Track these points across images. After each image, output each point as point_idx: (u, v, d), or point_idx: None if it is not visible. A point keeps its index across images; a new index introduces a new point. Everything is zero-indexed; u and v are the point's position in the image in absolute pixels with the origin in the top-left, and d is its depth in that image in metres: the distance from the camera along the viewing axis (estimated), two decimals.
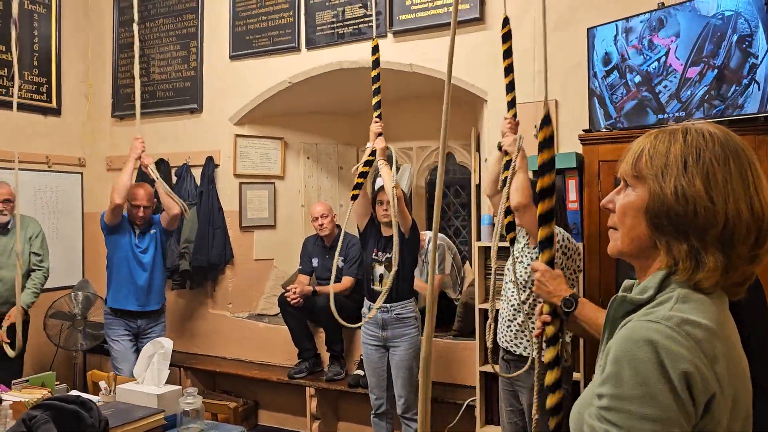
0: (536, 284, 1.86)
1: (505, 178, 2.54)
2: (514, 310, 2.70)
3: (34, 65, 4.89)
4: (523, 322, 2.65)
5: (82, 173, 5.24)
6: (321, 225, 4.27)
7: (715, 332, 0.91)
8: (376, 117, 3.35)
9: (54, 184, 5.02)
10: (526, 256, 2.71)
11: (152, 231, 4.08)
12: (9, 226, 3.82)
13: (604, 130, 3.13)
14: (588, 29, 3.32)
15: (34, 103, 4.85)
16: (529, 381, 2.55)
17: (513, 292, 2.70)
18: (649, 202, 0.98)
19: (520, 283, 2.66)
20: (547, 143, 1.77)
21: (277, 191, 5.05)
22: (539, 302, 2.54)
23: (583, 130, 3.20)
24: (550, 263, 1.85)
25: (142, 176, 4.69)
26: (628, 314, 0.98)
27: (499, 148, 2.70)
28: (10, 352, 3.33)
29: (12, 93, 4.39)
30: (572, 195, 3.17)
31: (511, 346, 2.71)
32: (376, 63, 3.32)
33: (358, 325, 3.37)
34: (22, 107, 4.69)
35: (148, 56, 5.13)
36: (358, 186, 3.37)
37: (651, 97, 3.02)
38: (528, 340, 2.64)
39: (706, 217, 0.93)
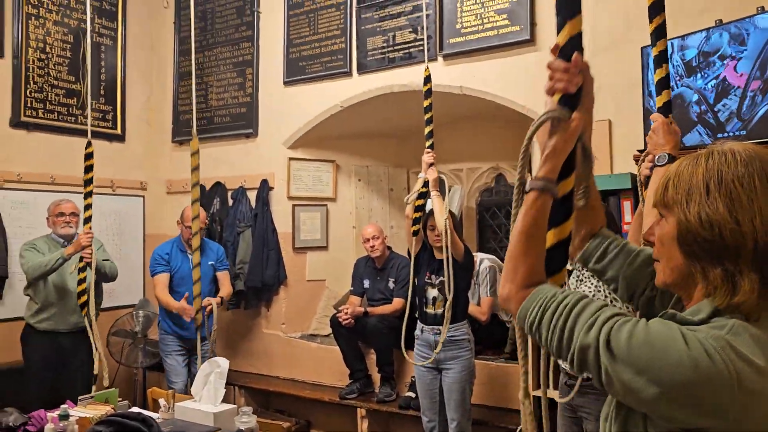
0: (650, 133, 1.87)
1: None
2: None
3: (101, 94, 5.15)
4: None
5: (143, 196, 5.46)
6: (372, 247, 4.31)
7: (764, 371, 0.87)
8: (428, 147, 3.39)
9: (117, 207, 5.24)
10: (588, 277, 2.66)
11: (207, 257, 4.20)
12: (74, 239, 4.00)
13: None
14: (642, 48, 3.28)
15: (100, 130, 5.10)
16: (597, 406, 2.47)
17: None
18: (678, 231, 0.97)
19: None
20: None
21: (329, 213, 5.13)
22: None
23: (638, 151, 3.14)
24: None
25: (210, 195, 4.85)
26: None
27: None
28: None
29: (81, 121, 4.65)
30: (627, 217, 3.10)
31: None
32: (428, 93, 3.36)
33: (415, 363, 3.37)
34: (91, 134, 4.93)
35: (206, 83, 5.33)
36: (416, 221, 3.42)
37: (710, 115, 2.95)
38: None
39: (735, 240, 0.91)
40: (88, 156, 3.63)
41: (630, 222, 3.11)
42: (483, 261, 4.23)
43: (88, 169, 3.62)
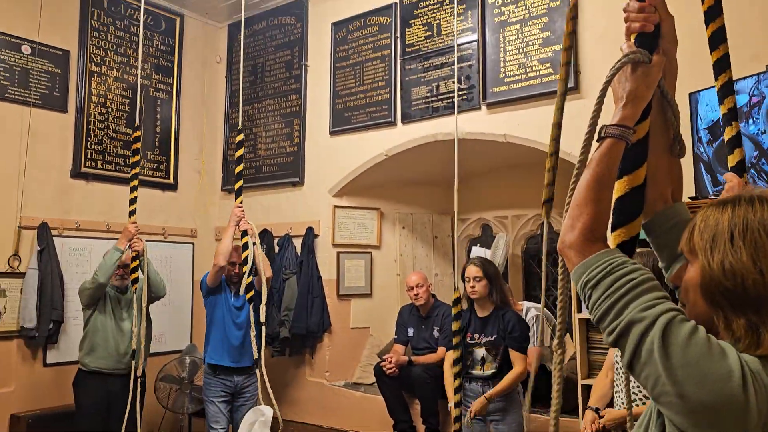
0: (723, 194, 1.78)
1: None
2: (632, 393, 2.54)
3: (156, 145, 5.37)
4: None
5: (193, 243, 5.60)
6: (416, 295, 4.29)
7: None
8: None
9: (168, 253, 5.38)
10: None
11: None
12: (127, 287, 4.11)
13: (713, 197, 2.99)
14: (690, 94, 3.24)
15: (154, 179, 5.30)
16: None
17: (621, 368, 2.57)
18: (702, 279, 0.95)
19: None
20: None
21: (373, 260, 5.14)
22: None
23: (690, 198, 3.07)
24: None
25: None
26: None
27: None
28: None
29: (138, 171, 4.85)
30: None
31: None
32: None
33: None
34: (145, 184, 5.13)
35: (255, 134, 5.50)
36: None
37: (763, 161, 2.87)
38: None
39: (758, 291, 0.89)
40: (135, 152, 3.78)
41: None
42: (529, 310, 4.15)
43: (135, 164, 3.83)
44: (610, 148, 1.10)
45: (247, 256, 3.83)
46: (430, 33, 4.55)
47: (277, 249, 5.14)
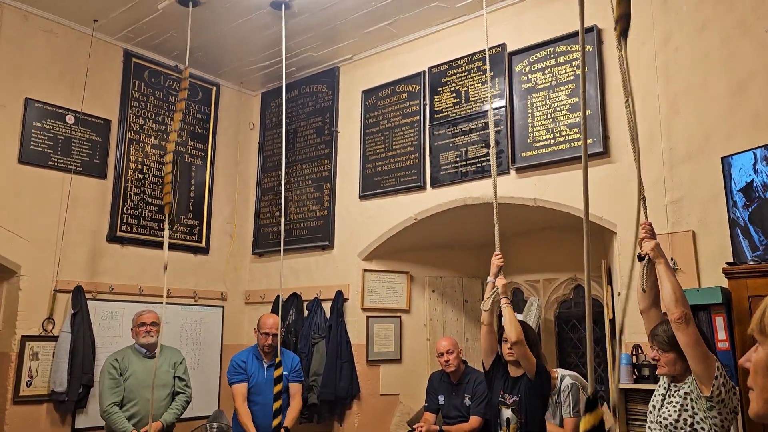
0: None
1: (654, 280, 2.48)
2: None
3: (190, 210, 5.49)
4: None
5: (223, 306, 5.61)
6: (447, 361, 4.20)
7: None
8: (497, 251, 3.40)
9: (198, 317, 5.40)
10: (673, 395, 2.48)
11: (283, 371, 4.21)
12: (156, 350, 4.12)
13: (752, 262, 2.91)
14: (722, 158, 3.22)
15: (187, 243, 5.38)
16: None
17: None
18: None
19: (670, 424, 2.42)
20: None
21: (402, 324, 5.08)
22: None
23: (728, 263, 3.00)
24: None
25: (286, 305, 4.95)
26: None
27: (640, 258, 2.60)
28: None
29: (171, 235, 4.95)
30: (721, 334, 2.91)
31: None
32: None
33: None
34: (177, 248, 5.23)
35: (286, 198, 5.59)
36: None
37: None
38: None
39: None
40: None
41: (724, 339, 2.91)
42: (564, 378, 4.00)
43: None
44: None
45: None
46: (458, 99, 4.64)
47: (306, 313, 5.12)
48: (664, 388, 2.56)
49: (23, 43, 4.55)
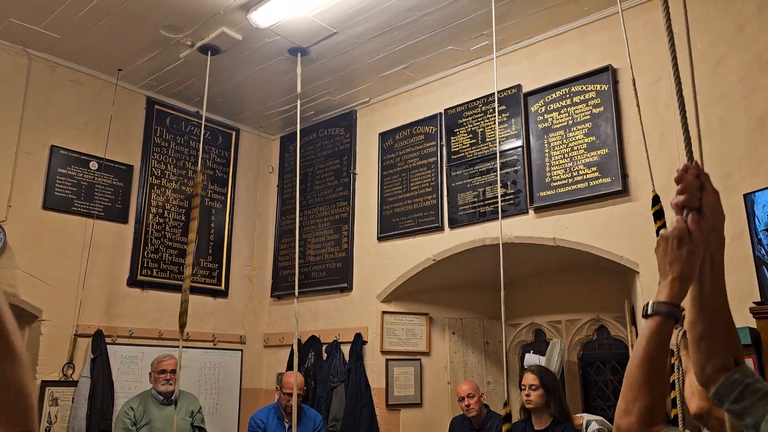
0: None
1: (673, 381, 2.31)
2: None
3: (209, 253, 5.52)
4: None
5: (242, 350, 5.58)
6: (468, 405, 4.11)
7: None
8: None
9: (217, 360, 5.37)
10: None
11: (305, 426, 4.12)
12: (173, 397, 4.09)
13: None
14: (745, 195, 3.17)
15: (206, 286, 5.40)
16: None
17: None
18: None
19: None
20: None
21: (423, 368, 5.00)
22: None
23: (755, 303, 2.91)
24: None
25: (305, 348, 4.91)
26: None
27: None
28: None
29: (192, 278, 4.97)
30: None
31: None
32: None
33: None
34: (197, 291, 5.24)
35: (305, 240, 5.60)
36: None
37: None
38: None
39: None
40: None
41: None
42: (591, 424, 3.89)
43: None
44: (660, 326, 1.06)
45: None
46: (474, 140, 4.66)
47: (325, 356, 5.07)
48: None
49: (50, 93, 4.69)
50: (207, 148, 5.64)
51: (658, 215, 2.62)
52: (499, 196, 4.15)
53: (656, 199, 2.62)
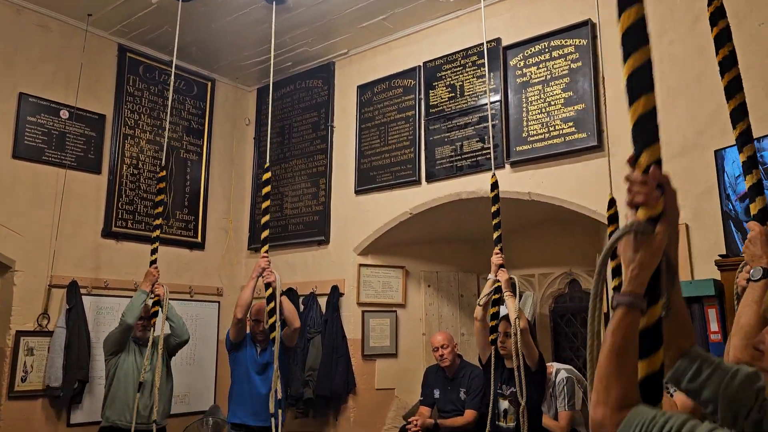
0: (746, 242, 1.81)
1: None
2: None
3: (185, 205, 5.48)
4: None
5: (219, 302, 5.61)
6: (442, 356, 4.21)
7: None
8: (497, 250, 3.40)
9: (194, 312, 5.40)
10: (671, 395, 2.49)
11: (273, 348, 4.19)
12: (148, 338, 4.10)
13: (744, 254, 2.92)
14: (716, 151, 3.22)
15: (182, 238, 5.38)
16: None
17: None
18: None
19: None
20: None
21: (398, 319, 5.09)
22: None
23: (720, 256, 3.01)
24: None
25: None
26: None
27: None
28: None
29: (165, 230, 4.95)
30: (713, 326, 2.92)
31: None
32: (495, 199, 3.41)
33: None
34: (173, 243, 5.22)
35: (281, 193, 5.58)
36: (494, 329, 3.36)
37: None
38: None
39: None
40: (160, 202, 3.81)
41: (716, 331, 2.92)
42: (559, 372, 4.03)
43: (159, 214, 4.02)
44: (623, 317, 1.09)
45: (272, 310, 3.78)
46: (453, 94, 4.64)
47: (302, 308, 5.12)
48: (666, 390, 2.56)
49: (16, 38, 4.53)
50: (182, 98, 5.54)
51: (613, 219, 2.64)
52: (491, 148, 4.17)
53: (612, 203, 2.63)
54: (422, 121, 4.78)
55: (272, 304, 3.77)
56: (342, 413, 4.86)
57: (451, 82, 4.67)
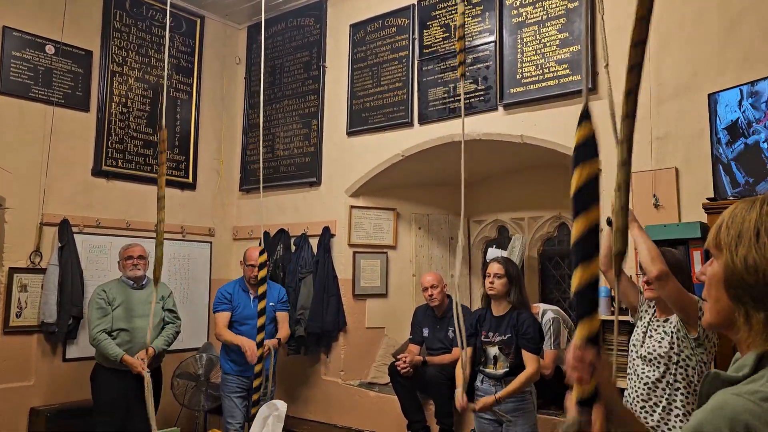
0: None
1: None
2: (648, 388, 2.52)
3: (176, 145, 5.44)
4: (661, 402, 2.46)
5: (211, 242, 5.65)
6: (431, 296, 4.28)
7: None
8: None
9: (186, 252, 5.44)
10: (655, 329, 2.54)
11: (270, 303, 4.30)
12: (144, 282, 4.17)
13: (732, 198, 2.96)
14: (709, 95, 3.22)
15: (173, 179, 5.36)
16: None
17: (643, 369, 2.54)
18: (725, 274, 0.98)
19: (654, 358, 2.49)
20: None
21: (389, 261, 5.15)
22: (679, 381, 2.40)
23: (708, 199, 3.04)
24: None
25: (274, 241, 4.98)
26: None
27: (609, 223, 2.62)
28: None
29: (156, 170, 4.92)
30: (698, 267, 2.98)
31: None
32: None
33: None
34: (164, 183, 5.18)
35: (273, 134, 5.54)
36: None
37: None
38: (676, 427, 2.42)
39: None
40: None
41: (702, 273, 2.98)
42: (546, 312, 4.12)
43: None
44: None
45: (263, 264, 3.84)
46: (447, 34, 4.56)
47: (293, 248, 5.17)
48: (647, 323, 2.60)
49: None
50: (170, 35, 5.41)
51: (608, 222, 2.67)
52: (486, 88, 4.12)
53: (609, 222, 2.65)
54: (415, 62, 4.72)
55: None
56: (333, 350, 4.98)
57: (446, 22, 4.58)
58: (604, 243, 2.70)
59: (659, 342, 2.48)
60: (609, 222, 2.64)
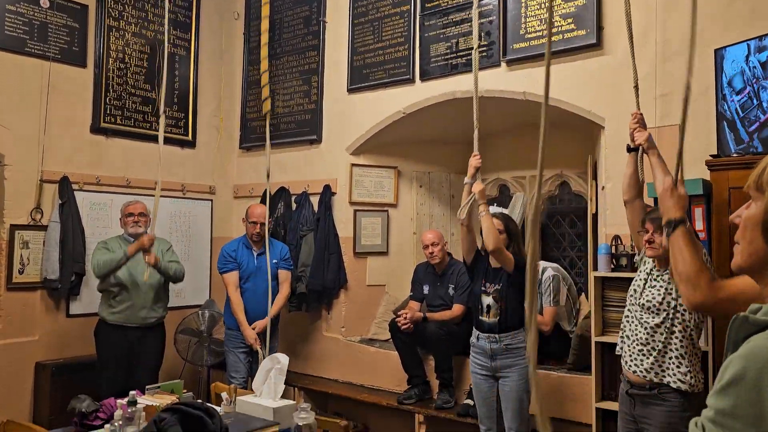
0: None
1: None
2: (647, 333, 2.59)
3: (175, 102, 5.38)
4: (659, 345, 2.57)
5: (212, 200, 5.64)
6: (432, 253, 4.30)
7: None
8: (476, 152, 3.46)
9: (187, 210, 5.44)
10: (656, 279, 2.62)
11: (273, 260, 4.34)
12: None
13: (735, 155, 2.94)
14: (716, 50, 3.16)
15: (173, 136, 5.31)
16: (659, 417, 2.49)
17: (642, 315, 2.64)
18: (764, 216, 0.97)
19: (653, 306, 2.59)
20: None
21: (390, 219, 5.16)
22: (676, 326, 2.52)
23: (711, 156, 3.02)
24: None
25: (275, 199, 4.97)
26: (751, 336, 0.93)
27: (629, 149, 2.78)
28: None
29: (155, 127, 4.89)
30: (699, 224, 2.98)
31: (644, 373, 2.56)
32: None
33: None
34: (164, 140, 5.15)
35: (273, 91, 5.47)
36: None
37: None
38: (670, 368, 2.52)
39: None
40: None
41: (701, 229, 2.99)
42: (546, 269, 4.15)
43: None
44: (684, 232, 1.74)
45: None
46: None
47: (294, 206, 5.17)
48: (646, 273, 2.68)
49: None
50: None
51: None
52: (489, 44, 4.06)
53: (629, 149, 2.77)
54: (417, 17, 4.63)
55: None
56: (334, 307, 5.03)
57: None
58: (626, 171, 2.75)
59: (659, 291, 2.60)
60: (629, 149, 2.75)
